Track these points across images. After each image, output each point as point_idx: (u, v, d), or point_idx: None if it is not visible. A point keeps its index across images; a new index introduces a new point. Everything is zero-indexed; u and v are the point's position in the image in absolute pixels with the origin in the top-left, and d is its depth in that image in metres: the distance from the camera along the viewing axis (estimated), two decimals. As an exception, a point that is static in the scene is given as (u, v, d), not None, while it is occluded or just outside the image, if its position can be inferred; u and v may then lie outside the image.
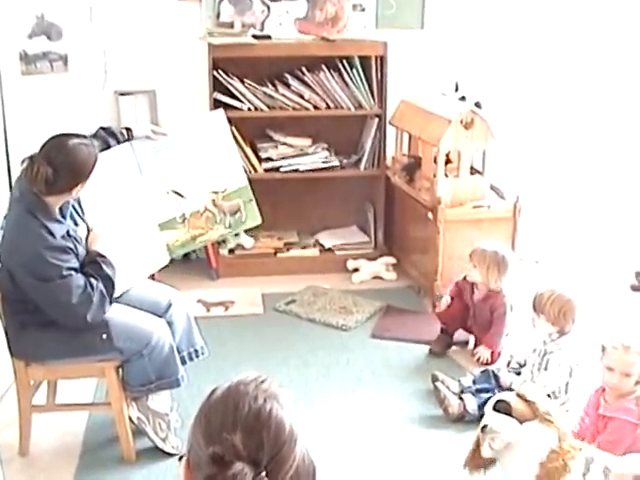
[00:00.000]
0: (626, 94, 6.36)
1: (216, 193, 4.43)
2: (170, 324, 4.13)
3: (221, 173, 4.47)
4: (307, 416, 4.44)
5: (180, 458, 1.75)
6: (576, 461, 3.32)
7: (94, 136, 4.17)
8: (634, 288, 6.09)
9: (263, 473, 1.60)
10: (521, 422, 3.49)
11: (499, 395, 3.71)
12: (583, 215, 6.54)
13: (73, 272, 3.68)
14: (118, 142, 4.22)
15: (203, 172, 4.41)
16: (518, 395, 3.61)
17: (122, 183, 4.13)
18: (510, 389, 4.39)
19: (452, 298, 5.17)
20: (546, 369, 4.30)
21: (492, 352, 4.99)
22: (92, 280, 3.73)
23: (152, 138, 4.31)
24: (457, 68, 6.37)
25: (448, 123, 5.44)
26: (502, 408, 3.55)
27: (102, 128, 4.29)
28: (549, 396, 4.24)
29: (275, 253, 6.49)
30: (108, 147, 4.16)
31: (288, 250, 6.52)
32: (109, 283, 3.80)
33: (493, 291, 5.00)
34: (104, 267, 3.81)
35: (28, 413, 4.07)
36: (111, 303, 3.83)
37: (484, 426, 3.53)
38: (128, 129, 4.32)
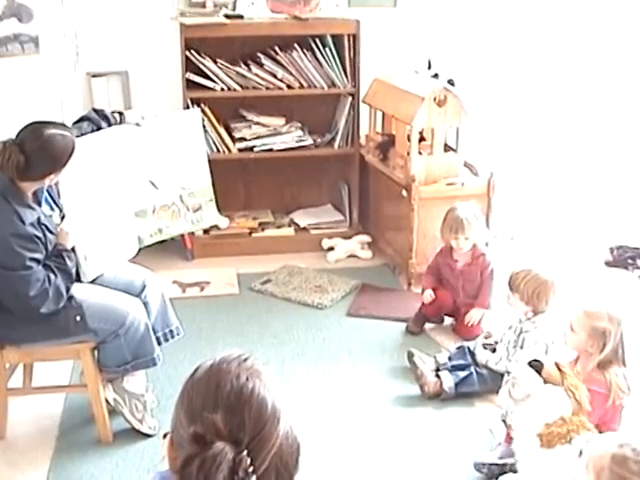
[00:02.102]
0: (599, 68, 6.38)
1: (184, 189, 4.51)
2: (145, 305, 4.11)
3: (190, 171, 4.55)
4: (283, 395, 4.45)
5: (165, 436, 1.75)
6: (580, 436, 3.37)
7: (86, 118, 4.17)
8: (608, 264, 6.12)
9: (244, 452, 1.60)
10: (546, 383, 3.57)
11: (538, 356, 3.76)
12: (558, 191, 6.57)
13: (35, 264, 3.66)
14: (109, 125, 4.22)
15: (175, 167, 4.47)
16: (555, 363, 3.67)
17: (105, 167, 4.10)
18: (486, 367, 4.44)
19: (434, 289, 5.18)
20: (522, 347, 4.32)
21: (479, 321, 5.02)
22: (51, 275, 3.71)
23: (140, 125, 4.31)
24: (430, 46, 6.36)
25: (421, 101, 5.44)
26: (535, 366, 3.61)
27: (94, 110, 4.28)
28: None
29: (250, 233, 6.48)
30: (99, 129, 4.15)
31: (263, 230, 6.51)
32: (68, 279, 3.80)
33: (477, 252, 5.05)
34: (67, 262, 3.80)
35: (4, 396, 4.06)
36: (67, 297, 3.81)
37: (509, 372, 3.66)
38: (120, 113, 4.32)
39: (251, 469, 1.60)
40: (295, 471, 1.75)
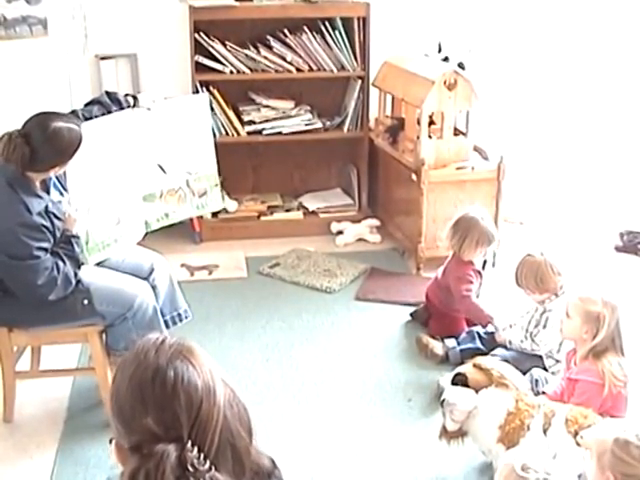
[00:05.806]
0: (610, 53, 6.34)
1: (190, 174, 4.51)
2: (153, 288, 4.11)
3: (197, 156, 4.55)
4: (292, 379, 4.46)
5: (110, 441, 1.70)
6: (534, 418, 3.37)
7: (97, 101, 4.16)
8: (618, 249, 6.09)
9: (188, 444, 1.57)
10: (478, 391, 3.55)
11: (456, 369, 3.76)
12: (568, 176, 6.54)
13: (43, 253, 3.64)
14: (121, 108, 4.20)
15: (182, 152, 4.47)
16: (474, 365, 3.66)
17: (114, 150, 4.09)
18: (505, 347, 4.40)
19: None
20: (545, 327, 4.30)
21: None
22: (60, 263, 3.70)
23: (151, 110, 4.30)
24: (440, 29, 6.32)
25: (431, 84, 5.41)
26: (459, 381, 3.62)
27: (107, 93, 4.27)
28: (546, 356, 4.26)
29: (259, 216, 6.47)
30: (109, 112, 4.14)
31: (272, 213, 6.50)
32: (76, 265, 3.79)
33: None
34: (75, 248, 3.80)
35: (12, 379, 4.06)
36: (76, 283, 3.81)
37: (442, 400, 3.60)
38: (134, 97, 4.31)
39: (201, 457, 1.57)
40: (250, 436, 1.71)
